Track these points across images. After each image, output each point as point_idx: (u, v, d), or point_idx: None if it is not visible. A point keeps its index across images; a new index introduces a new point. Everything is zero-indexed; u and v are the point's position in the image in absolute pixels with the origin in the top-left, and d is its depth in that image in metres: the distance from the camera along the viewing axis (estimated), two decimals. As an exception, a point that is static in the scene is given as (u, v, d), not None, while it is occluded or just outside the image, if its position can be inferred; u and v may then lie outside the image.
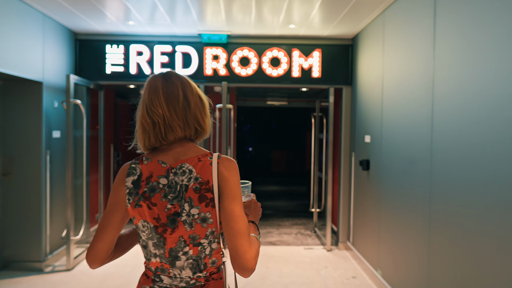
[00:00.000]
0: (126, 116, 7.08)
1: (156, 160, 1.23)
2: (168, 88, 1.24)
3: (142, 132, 1.25)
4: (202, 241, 1.21)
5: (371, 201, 4.19)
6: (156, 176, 1.21)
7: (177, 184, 1.19)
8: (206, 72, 4.98)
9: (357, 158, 4.73)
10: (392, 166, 3.58)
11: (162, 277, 1.24)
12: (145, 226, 1.22)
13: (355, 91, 4.93)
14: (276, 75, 5.01)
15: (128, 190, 1.22)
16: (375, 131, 4.13)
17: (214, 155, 1.23)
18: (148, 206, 1.20)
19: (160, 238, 1.20)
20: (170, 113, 1.22)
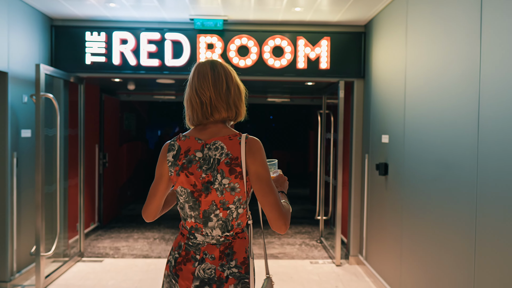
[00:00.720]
0: (114, 114, 6.48)
1: (194, 137, 1.45)
2: (214, 75, 1.44)
3: (190, 110, 1.46)
4: (230, 206, 1.42)
5: (390, 210, 3.60)
6: (193, 150, 1.43)
7: (210, 158, 1.41)
8: (200, 63, 4.38)
9: (372, 161, 4.15)
10: (420, 171, 3.00)
11: (196, 235, 1.45)
12: (182, 191, 1.45)
13: (368, 85, 4.34)
14: (278, 67, 4.42)
15: (169, 163, 1.45)
16: (395, 130, 3.54)
17: (243, 135, 1.43)
18: (186, 175, 1.42)
19: (196, 201, 1.42)
20: (216, 96, 1.43)
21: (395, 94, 3.55)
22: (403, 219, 3.30)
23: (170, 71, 4.43)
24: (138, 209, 7.41)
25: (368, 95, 4.35)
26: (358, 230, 4.58)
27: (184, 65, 4.40)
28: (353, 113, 4.60)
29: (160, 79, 4.67)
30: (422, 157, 2.97)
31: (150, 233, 5.75)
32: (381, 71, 3.98)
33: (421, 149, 2.99)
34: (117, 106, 6.60)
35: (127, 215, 6.92)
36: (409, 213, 3.19)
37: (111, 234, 5.69)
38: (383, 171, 3.73)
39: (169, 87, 5.90)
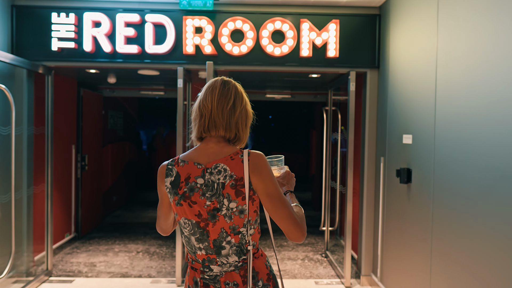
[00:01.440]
0: (96, 112, 5.82)
1: (192, 162, 1.35)
2: (223, 90, 1.37)
3: (193, 123, 1.41)
4: (241, 230, 1.34)
5: (415, 225, 2.96)
6: (193, 177, 1.33)
7: (213, 183, 1.31)
8: (187, 50, 3.73)
9: (390, 165, 3.50)
10: (460, 180, 2.35)
11: (211, 267, 1.36)
12: (186, 223, 1.36)
13: (384, 76, 3.69)
14: (279, 55, 3.77)
15: (168, 189, 1.37)
16: (421, 129, 2.90)
17: (244, 152, 1.34)
18: (189, 205, 1.33)
19: (203, 232, 1.33)
20: (217, 111, 1.35)
21: (422, 87, 2.91)
22: (434, 237, 2.65)
23: (152, 60, 3.78)
24: (124, 216, 6.75)
25: (384, 88, 3.70)
26: (371, 245, 3.93)
27: (168, 52, 3.75)
28: (365, 109, 3.96)
29: (140, 69, 4.02)
30: (463, 162, 2.33)
31: (133, 245, 5.10)
32: (401, 60, 3.33)
33: (462, 152, 2.35)
34: (99, 103, 5.95)
35: (111, 223, 6.27)
36: (442, 230, 2.55)
37: (89, 246, 5.04)
38: (405, 178, 3.09)
39: (156, 80, 5.25)
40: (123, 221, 6.42)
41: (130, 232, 5.73)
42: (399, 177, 3.15)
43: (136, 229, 5.94)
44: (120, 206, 7.32)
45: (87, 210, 5.50)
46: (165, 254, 4.75)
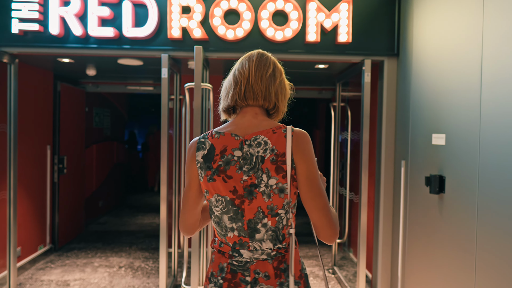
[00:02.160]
0: (77, 108, 5.24)
1: (229, 133, 1.22)
2: (261, 59, 1.28)
3: (224, 94, 1.29)
4: (280, 212, 1.20)
5: (450, 247, 2.39)
6: (230, 149, 1.20)
7: (252, 156, 1.19)
8: (172, 34, 3.16)
9: (414, 171, 2.93)
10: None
11: (241, 252, 1.21)
12: (219, 201, 1.22)
13: (406, 66, 3.12)
14: (281, 39, 3.20)
15: (199, 165, 1.22)
16: (460, 127, 2.33)
17: (288, 127, 1.21)
18: (223, 179, 1.19)
19: (238, 210, 1.20)
20: (256, 77, 1.24)
21: (462, 78, 2.34)
22: (478, 266, 2.08)
23: (132, 45, 3.21)
24: (110, 223, 6.17)
25: (405, 80, 3.13)
26: (388, 264, 3.36)
27: (150, 37, 3.17)
28: (381, 105, 3.38)
29: (118, 57, 3.45)
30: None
31: (116, 258, 4.52)
32: (429, 47, 2.77)
33: (524, 157, 1.78)
34: (81, 99, 5.37)
35: (94, 231, 5.69)
36: (492, 259, 1.98)
37: (66, 260, 4.46)
38: (437, 187, 2.52)
39: (143, 73, 4.67)
40: (108, 229, 5.84)
41: (115, 242, 5.16)
42: (429, 185, 2.58)
43: (121, 238, 5.36)
44: (106, 211, 6.74)
45: (65, 218, 4.92)
46: (150, 270, 4.18)
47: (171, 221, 4.06)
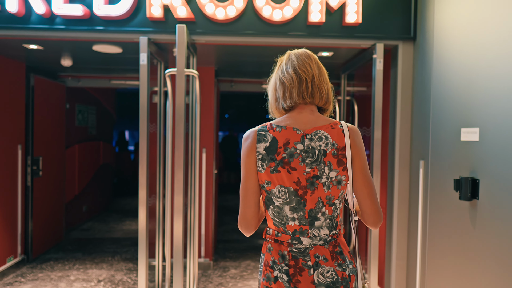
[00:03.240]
0: (56, 105, 4.78)
1: (291, 127, 1.27)
2: (315, 59, 1.33)
3: (282, 91, 1.30)
4: (336, 202, 1.29)
5: (486, 266, 1.94)
6: (293, 142, 1.25)
7: (314, 149, 1.25)
8: (152, 13, 2.71)
9: (436, 172, 2.49)
10: None
11: (301, 239, 1.28)
12: (281, 191, 1.27)
13: (425, 51, 2.68)
14: (279, 20, 2.76)
15: (260, 156, 1.26)
16: (498, 119, 1.89)
17: (343, 123, 1.29)
18: (288, 171, 1.25)
19: (301, 200, 1.27)
20: (319, 76, 1.30)
21: (502, 62, 1.90)
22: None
23: (106, 26, 2.75)
24: (94, 229, 5.70)
25: (424, 67, 2.69)
26: (403, 281, 2.91)
27: (126, 16, 2.72)
28: (395, 97, 2.95)
29: (90, 40, 2.98)
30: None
31: (96, 271, 4.05)
32: (454, 29, 2.33)
33: None
34: (60, 94, 4.90)
35: (76, 239, 5.22)
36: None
37: (40, 272, 3.99)
38: (469, 192, 2.07)
39: (127, 64, 4.21)
40: (91, 236, 5.37)
41: (97, 251, 4.69)
42: (459, 190, 2.14)
43: (104, 246, 4.90)
44: (91, 217, 6.27)
45: (41, 225, 4.45)
46: (133, 284, 3.72)
47: (154, 228, 3.60)
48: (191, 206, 3.06)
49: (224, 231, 5.79)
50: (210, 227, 4.13)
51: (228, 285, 3.72)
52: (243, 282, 3.80)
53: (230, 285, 3.72)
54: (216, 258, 4.50)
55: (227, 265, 4.28)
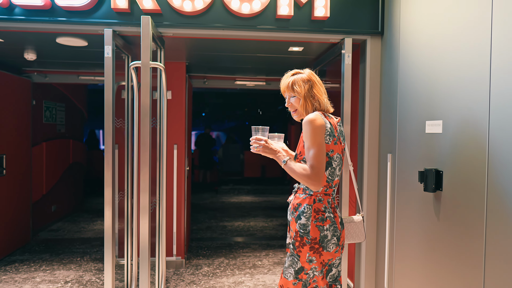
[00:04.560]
0: (20, 101, 4.59)
1: (332, 118, 1.89)
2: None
3: (319, 97, 1.89)
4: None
5: (448, 255, 1.98)
6: (337, 126, 1.87)
7: (342, 132, 1.92)
8: (117, 4, 2.63)
9: (402, 165, 2.52)
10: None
11: (336, 190, 1.90)
12: (337, 157, 1.84)
13: (392, 46, 2.71)
14: (248, 13, 2.73)
15: (328, 132, 1.79)
16: (461, 111, 1.92)
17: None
18: (339, 144, 1.85)
19: (341, 162, 1.88)
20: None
21: (464, 55, 1.93)
22: (491, 277, 1.67)
23: (68, 18, 2.65)
24: (64, 230, 5.52)
25: (392, 62, 2.72)
26: (372, 273, 2.94)
27: (89, 7, 2.63)
28: (364, 91, 2.97)
29: (52, 31, 2.86)
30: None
31: (63, 272, 3.92)
32: (420, 24, 2.36)
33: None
34: (25, 90, 4.72)
35: (44, 240, 5.04)
36: (502, 272, 1.57)
37: (3, 275, 3.82)
38: (433, 184, 2.10)
39: (95, 58, 4.08)
40: (60, 237, 5.20)
41: (65, 252, 4.54)
42: (423, 182, 2.17)
43: (74, 247, 4.75)
44: (61, 217, 6.08)
45: (5, 226, 4.28)
46: (101, 284, 3.62)
47: (122, 226, 3.51)
48: (160, 204, 2.99)
49: (198, 229, 5.72)
50: (182, 225, 4.07)
51: (200, 282, 3.67)
52: (215, 279, 3.76)
53: (202, 282, 3.67)
54: (189, 256, 4.43)
55: (200, 263, 4.22)
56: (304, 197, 1.83)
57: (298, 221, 1.80)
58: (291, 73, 1.93)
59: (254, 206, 7.70)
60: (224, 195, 8.94)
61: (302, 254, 1.78)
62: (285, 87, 1.90)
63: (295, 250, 1.79)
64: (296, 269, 1.79)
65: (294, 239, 1.80)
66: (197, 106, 12.91)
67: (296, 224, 1.81)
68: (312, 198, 1.81)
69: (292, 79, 1.89)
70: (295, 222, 1.82)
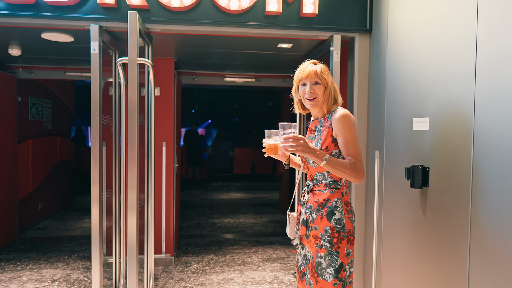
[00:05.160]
0: (5, 97, 4.51)
1: None
2: None
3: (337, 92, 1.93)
4: None
5: (437, 249, 2.01)
6: None
7: None
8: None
9: (390, 162, 2.54)
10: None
11: None
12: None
13: (380, 43, 2.73)
14: (236, 10, 2.72)
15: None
16: (447, 108, 1.94)
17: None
18: None
19: None
20: None
21: (450, 54, 1.95)
22: (475, 271, 1.70)
23: (53, 13, 2.61)
24: (51, 228, 5.46)
25: (380, 59, 2.73)
26: (360, 268, 2.97)
27: (75, 2, 2.59)
28: (352, 88, 2.98)
29: (37, 27, 2.81)
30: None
31: (50, 270, 3.88)
32: (408, 21, 2.37)
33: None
34: (10, 86, 4.64)
35: (30, 238, 4.98)
36: (494, 260, 1.60)
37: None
38: (420, 180, 2.13)
39: (81, 54, 4.02)
40: (47, 235, 5.14)
41: (52, 251, 4.49)
42: (410, 178, 2.19)
43: (61, 245, 4.70)
44: (48, 215, 6.00)
45: (-10, 224, 4.21)
46: (89, 283, 3.59)
47: (110, 224, 3.49)
48: (148, 201, 2.97)
49: (187, 226, 5.71)
50: (171, 222, 4.05)
51: (189, 280, 3.66)
52: (204, 276, 3.76)
53: (191, 280, 3.67)
54: (178, 253, 4.42)
55: (189, 260, 4.22)
56: (330, 192, 1.79)
57: (332, 217, 1.76)
58: (311, 61, 1.87)
59: (244, 203, 7.70)
60: (213, 192, 8.93)
61: (340, 249, 1.75)
62: (313, 72, 1.80)
63: (333, 247, 1.75)
64: (336, 267, 1.74)
65: (331, 236, 1.75)
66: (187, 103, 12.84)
67: (330, 220, 1.76)
68: (340, 191, 1.80)
69: (321, 66, 1.83)
70: (326, 219, 1.77)
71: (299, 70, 1.85)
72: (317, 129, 1.90)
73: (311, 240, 1.84)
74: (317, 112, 1.90)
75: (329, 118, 1.83)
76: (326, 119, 1.85)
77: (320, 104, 1.84)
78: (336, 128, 1.76)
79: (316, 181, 1.85)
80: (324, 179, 1.83)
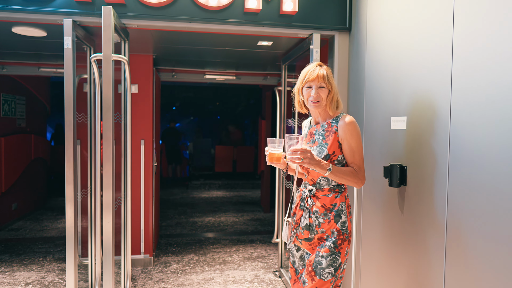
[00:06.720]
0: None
1: None
2: None
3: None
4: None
5: (414, 247, 2.02)
6: None
7: None
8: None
9: (372, 161, 2.55)
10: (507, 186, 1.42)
11: None
12: None
13: (359, 42, 2.73)
14: (215, 6, 2.67)
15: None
16: (424, 107, 1.96)
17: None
18: None
19: None
20: None
21: (427, 53, 1.96)
22: (451, 268, 1.72)
23: (24, 6, 2.51)
24: (25, 229, 5.29)
25: (358, 58, 2.74)
26: (341, 266, 2.98)
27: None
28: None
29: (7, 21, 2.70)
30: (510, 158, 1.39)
31: (24, 273, 3.76)
32: (386, 20, 2.38)
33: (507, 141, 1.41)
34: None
35: (3, 239, 4.81)
36: (461, 264, 1.62)
37: (-43, 278, 3.62)
38: (397, 179, 2.14)
39: (54, 49, 3.90)
40: (21, 236, 4.99)
41: (26, 252, 4.36)
42: (388, 177, 2.20)
43: (36, 247, 4.56)
44: (22, 215, 5.82)
45: (-41, 226, 4.04)
46: (65, 285, 3.49)
47: (86, 225, 3.40)
48: (125, 200, 2.90)
49: (167, 226, 5.63)
50: (150, 222, 3.98)
51: (168, 280, 3.61)
52: (184, 276, 3.71)
53: (171, 280, 3.61)
54: (157, 253, 4.35)
55: (168, 260, 4.16)
56: (336, 195, 1.85)
57: (339, 220, 1.83)
58: (317, 63, 1.88)
59: (225, 201, 7.66)
60: (195, 191, 8.85)
61: (342, 250, 1.82)
62: (320, 76, 1.81)
63: (336, 249, 1.81)
64: (336, 267, 1.80)
65: (336, 238, 1.81)
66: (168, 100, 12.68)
67: (337, 223, 1.83)
68: (343, 194, 1.87)
69: (327, 70, 1.85)
70: (334, 222, 1.83)
71: (306, 71, 1.86)
72: (317, 133, 1.91)
73: (314, 242, 1.87)
74: (318, 115, 1.92)
75: (334, 124, 1.86)
76: (330, 124, 1.87)
77: (322, 106, 1.86)
78: (343, 134, 1.81)
79: (319, 185, 1.87)
80: (328, 184, 1.86)
